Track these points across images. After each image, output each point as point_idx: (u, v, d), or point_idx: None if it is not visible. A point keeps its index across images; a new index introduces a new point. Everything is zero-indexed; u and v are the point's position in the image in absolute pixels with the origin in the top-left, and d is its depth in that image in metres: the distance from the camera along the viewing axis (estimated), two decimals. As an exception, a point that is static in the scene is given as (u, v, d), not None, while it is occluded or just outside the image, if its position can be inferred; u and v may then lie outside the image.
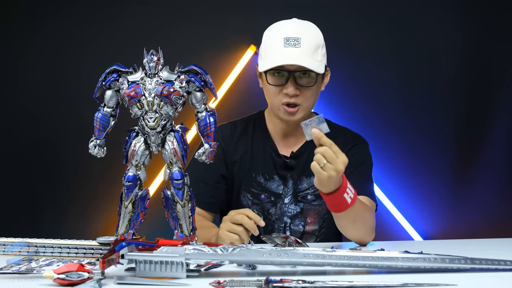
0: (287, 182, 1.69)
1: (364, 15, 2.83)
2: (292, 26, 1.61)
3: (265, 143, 1.73)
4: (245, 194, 1.70)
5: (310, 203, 1.68)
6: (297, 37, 1.57)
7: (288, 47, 1.57)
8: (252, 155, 1.71)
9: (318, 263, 1.04)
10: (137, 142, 1.15)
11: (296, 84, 1.58)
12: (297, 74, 1.58)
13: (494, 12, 2.84)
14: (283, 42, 1.57)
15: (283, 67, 1.57)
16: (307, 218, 1.68)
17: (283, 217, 1.68)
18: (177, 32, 2.83)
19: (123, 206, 1.15)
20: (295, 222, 1.68)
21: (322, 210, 1.68)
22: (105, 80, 1.15)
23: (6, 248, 1.11)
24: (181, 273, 1.01)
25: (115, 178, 1.69)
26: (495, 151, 2.83)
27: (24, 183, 2.85)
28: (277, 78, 1.60)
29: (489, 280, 1.00)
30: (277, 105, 1.63)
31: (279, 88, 1.60)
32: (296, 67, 1.57)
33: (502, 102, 2.83)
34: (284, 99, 1.60)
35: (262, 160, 1.70)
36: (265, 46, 1.64)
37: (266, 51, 1.63)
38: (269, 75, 1.61)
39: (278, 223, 1.68)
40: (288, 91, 1.58)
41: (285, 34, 1.58)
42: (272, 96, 1.63)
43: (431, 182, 2.84)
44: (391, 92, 2.85)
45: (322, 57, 1.63)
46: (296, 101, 1.60)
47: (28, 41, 2.86)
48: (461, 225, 2.80)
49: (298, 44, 1.57)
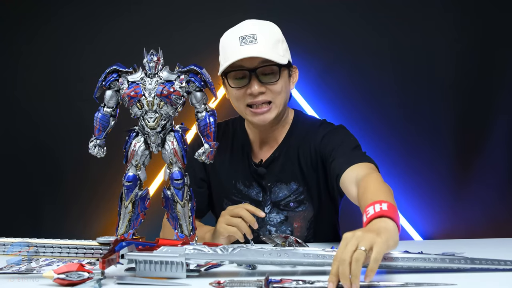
0: (266, 190, 1.61)
1: (364, 17, 2.83)
2: (246, 25, 1.53)
3: (243, 148, 1.65)
4: (227, 202, 1.64)
5: (293, 210, 1.60)
6: (252, 33, 1.49)
7: (245, 44, 1.48)
8: (231, 162, 1.65)
9: (318, 263, 1.04)
10: (137, 142, 1.15)
11: (260, 82, 1.49)
12: (259, 70, 1.48)
13: (494, 12, 2.84)
14: (239, 42, 1.48)
15: (242, 66, 1.48)
16: (293, 223, 1.61)
17: (266, 226, 1.61)
18: (177, 32, 2.83)
19: (123, 206, 1.15)
20: (281, 229, 1.61)
21: (307, 214, 1.61)
22: (105, 80, 1.15)
23: (6, 248, 1.12)
24: (181, 273, 1.01)
25: (115, 178, 1.69)
26: (495, 151, 2.83)
27: (24, 183, 2.85)
28: (239, 80, 1.51)
29: (489, 280, 1.00)
30: (243, 110, 1.54)
31: (243, 90, 1.50)
32: (257, 63, 1.47)
33: (502, 102, 2.82)
34: (249, 99, 1.50)
35: (241, 167, 1.63)
36: (223, 51, 1.55)
37: (224, 55, 1.53)
38: (230, 79, 1.52)
39: (263, 231, 1.61)
40: (252, 89, 1.48)
41: (240, 33, 1.50)
42: (237, 100, 1.53)
43: (431, 182, 2.83)
44: (391, 92, 2.85)
45: (284, 51, 1.53)
46: (265, 98, 1.50)
47: (28, 41, 2.85)
48: (461, 225, 2.80)
49: (254, 40, 1.48)
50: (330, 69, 2.73)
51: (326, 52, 2.72)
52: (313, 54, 2.67)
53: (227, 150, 1.66)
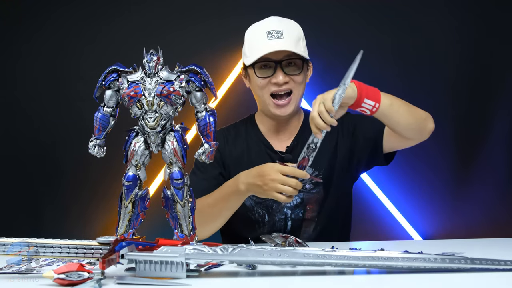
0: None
1: (364, 16, 2.83)
2: (273, 21, 1.67)
3: (259, 142, 1.74)
4: None
5: (309, 192, 1.69)
6: (279, 29, 1.63)
7: (272, 39, 1.62)
8: (249, 156, 1.73)
9: (318, 263, 1.04)
10: (137, 142, 1.15)
11: (284, 73, 1.63)
12: (284, 63, 1.62)
13: (494, 12, 2.84)
14: (266, 36, 1.63)
15: (269, 58, 1.62)
16: (306, 206, 1.69)
17: (283, 209, 1.69)
18: (177, 32, 2.83)
19: (123, 206, 1.15)
20: (295, 211, 1.69)
21: (320, 197, 1.69)
22: (105, 80, 1.15)
23: (6, 248, 1.11)
24: (181, 273, 1.01)
25: (115, 178, 1.69)
26: (495, 151, 2.83)
27: (24, 183, 2.85)
28: (265, 71, 1.64)
29: (489, 280, 1.00)
30: (267, 99, 1.66)
31: (267, 79, 1.64)
32: (282, 56, 1.62)
33: (502, 102, 2.83)
34: (273, 88, 1.64)
35: (260, 159, 1.69)
36: (249, 43, 1.69)
37: (250, 48, 1.67)
38: (256, 69, 1.65)
39: (279, 215, 1.69)
40: (278, 79, 1.62)
41: (267, 28, 1.64)
42: (261, 89, 1.66)
43: (431, 182, 2.84)
44: (391, 92, 2.84)
45: (304, 48, 1.68)
46: (288, 87, 1.64)
47: (28, 41, 2.85)
48: (461, 225, 2.80)
49: (281, 36, 1.62)
50: (330, 69, 2.73)
51: (326, 52, 2.72)
52: (313, 54, 2.67)
53: (244, 146, 1.74)
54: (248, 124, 1.80)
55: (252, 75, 1.68)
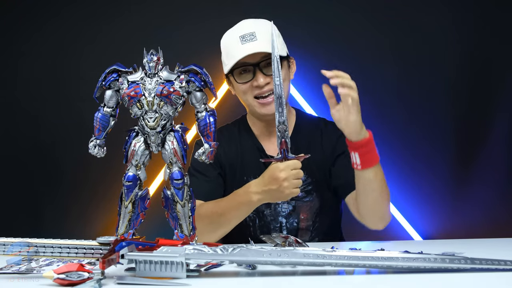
0: None
1: (365, 16, 2.83)
2: (244, 24, 1.66)
3: (253, 145, 1.74)
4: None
5: (301, 200, 1.68)
6: (251, 31, 1.62)
7: (246, 42, 1.61)
8: (242, 159, 1.72)
9: (318, 263, 1.04)
10: (137, 142, 1.15)
11: (264, 74, 1.62)
12: (262, 64, 1.61)
13: (494, 12, 2.84)
14: (240, 40, 1.62)
15: (246, 62, 1.61)
16: (300, 214, 1.68)
17: (278, 217, 1.68)
18: (177, 32, 2.83)
19: (123, 206, 1.15)
20: (289, 220, 1.68)
21: (313, 205, 1.69)
22: (105, 80, 1.15)
23: (6, 248, 1.11)
24: (181, 273, 1.01)
25: (115, 178, 1.69)
26: (495, 151, 2.83)
27: (24, 183, 2.85)
28: (244, 75, 1.64)
29: (489, 280, 1.00)
30: (251, 102, 1.66)
31: (248, 84, 1.64)
32: (259, 58, 1.61)
33: (502, 102, 2.83)
34: (256, 91, 1.63)
35: (253, 163, 1.69)
36: (225, 50, 1.67)
37: (227, 55, 1.66)
38: (236, 75, 1.65)
39: (274, 224, 1.69)
40: (258, 82, 1.62)
41: (240, 33, 1.63)
42: (244, 94, 1.66)
43: (431, 182, 2.84)
44: (391, 92, 2.85)
45: (281, 45, 1.65)
46: (270, 87, 1.61)
47: (27, 41, 2.85)
48: (461, 225, 2.80)
49: (254, 38, 1.61)
50: (329, 69, 2.73)
51: (326, 52, 2.72)
52: (313, 54, 2.67)
53: (238, 148, 1.73)
54: (241, 126, 1.79)
55: (234, 82, 1.68)
